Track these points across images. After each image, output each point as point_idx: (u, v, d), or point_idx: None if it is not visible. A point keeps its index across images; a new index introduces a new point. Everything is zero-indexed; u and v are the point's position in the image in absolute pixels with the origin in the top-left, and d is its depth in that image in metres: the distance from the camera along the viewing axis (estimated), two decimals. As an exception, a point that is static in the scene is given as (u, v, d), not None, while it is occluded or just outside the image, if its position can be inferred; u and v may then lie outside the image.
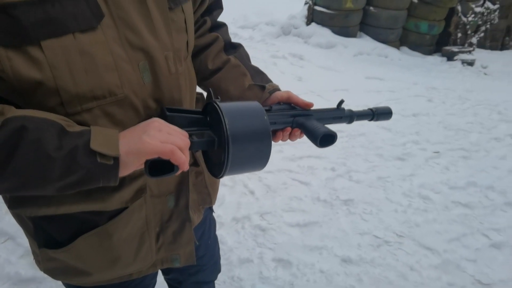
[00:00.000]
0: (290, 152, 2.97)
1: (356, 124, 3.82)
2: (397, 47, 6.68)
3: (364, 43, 6.40)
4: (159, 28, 0.65)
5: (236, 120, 0.64)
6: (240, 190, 2.46)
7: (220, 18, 0.95)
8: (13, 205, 0.69)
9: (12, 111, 0.54)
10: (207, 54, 0.88)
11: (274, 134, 0.80)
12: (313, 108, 0.83)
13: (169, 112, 0.66)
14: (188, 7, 0.75)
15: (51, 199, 0.67)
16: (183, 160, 0.60)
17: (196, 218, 0.94)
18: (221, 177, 0.68)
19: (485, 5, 6.74)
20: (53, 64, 0.55)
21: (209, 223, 1.10)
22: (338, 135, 3.80)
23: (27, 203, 0.67)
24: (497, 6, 6.76)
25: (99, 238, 0.73)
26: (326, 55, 5.84)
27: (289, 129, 0.80)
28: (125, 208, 0.73)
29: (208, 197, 0.96)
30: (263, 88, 0.85)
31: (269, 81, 0.89)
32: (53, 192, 0.57)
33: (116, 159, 0.57)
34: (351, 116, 0.86)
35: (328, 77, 4.96)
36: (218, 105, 0.65)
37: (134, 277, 0.86)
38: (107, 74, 0.60)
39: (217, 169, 0.69)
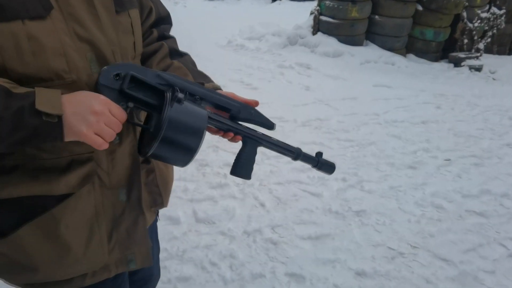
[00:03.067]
0: (299, 163, 2.95)
1: (366, 132, 3.82)
2: (404, 55, 6.66)
3: (371, 51, 6.39)
4: (106, 26, 0.73)
5: (178, 109, 0.72)
6: (250, 203, 2.45)
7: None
8: None
9: None
10: (152, 59, 0.95)
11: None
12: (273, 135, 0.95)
13: (128, 89, 0.72)
14: (135, 13, 0.84)
15: None
16: (102, 149, 0.69)
17: (149, 217, 0.94)
18: (146, 156, 0.74)
19: (491, 11, 6.71)
20: (2, 46, 0.62)
21: (152, 228, 1.08)
22: (348, 144, 3.72)
23: None
24: (503, 11, 6.72)
25: (45, 225, 0.73)
26: (333, 64, 5.84)
27: (231, 134, 0.88)
28: (72, 194, 0.75)
29: (160, 198, 0.96)
30: (202, 85, 0.89)
31: (211, 82, 0.95)
32: (4, 149, 0.63)
33: (60, 118, 0.63)
34: (297, 155, 0.98)
35: (335, 86, 4.95)
36: (167, 94, 0.74)
37: (88, 283, 0.82)
38: (54, 59, 0.67)
39: (146, 147, 0.76)
